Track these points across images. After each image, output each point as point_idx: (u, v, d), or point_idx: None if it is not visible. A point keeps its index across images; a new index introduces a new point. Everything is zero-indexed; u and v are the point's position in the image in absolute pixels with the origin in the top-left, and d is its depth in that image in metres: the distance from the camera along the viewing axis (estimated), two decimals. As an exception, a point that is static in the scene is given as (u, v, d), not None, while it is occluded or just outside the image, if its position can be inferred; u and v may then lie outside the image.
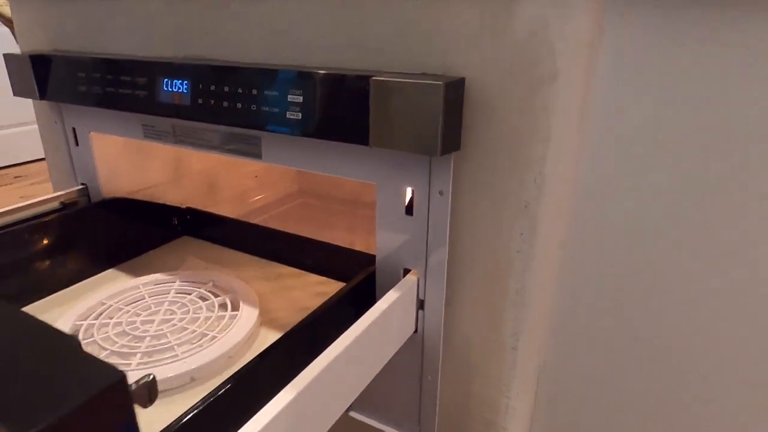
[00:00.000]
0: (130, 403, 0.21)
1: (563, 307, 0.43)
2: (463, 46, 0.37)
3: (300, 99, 0.41)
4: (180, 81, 0.48)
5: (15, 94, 0.61)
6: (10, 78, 0.60)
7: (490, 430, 0.47)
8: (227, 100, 0.45)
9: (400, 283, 0.45)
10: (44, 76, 0.59)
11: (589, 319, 0.42)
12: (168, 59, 0.51)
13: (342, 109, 0.39)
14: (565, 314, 0.43)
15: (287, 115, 0.42)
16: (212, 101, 0.47)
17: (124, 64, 0.52)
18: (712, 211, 0.35)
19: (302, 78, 0.41)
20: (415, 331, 0.48)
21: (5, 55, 0.59)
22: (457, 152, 0.40)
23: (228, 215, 0.71)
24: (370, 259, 0.49)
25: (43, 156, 0.70)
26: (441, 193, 0.41)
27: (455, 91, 0.37)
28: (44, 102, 0.64)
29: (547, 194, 0.38)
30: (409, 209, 0.44)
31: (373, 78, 0.37)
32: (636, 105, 0.36)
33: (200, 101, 0.47)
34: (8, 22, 1.10)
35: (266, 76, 0.43)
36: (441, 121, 0.36)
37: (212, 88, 0.46)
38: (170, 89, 0.49)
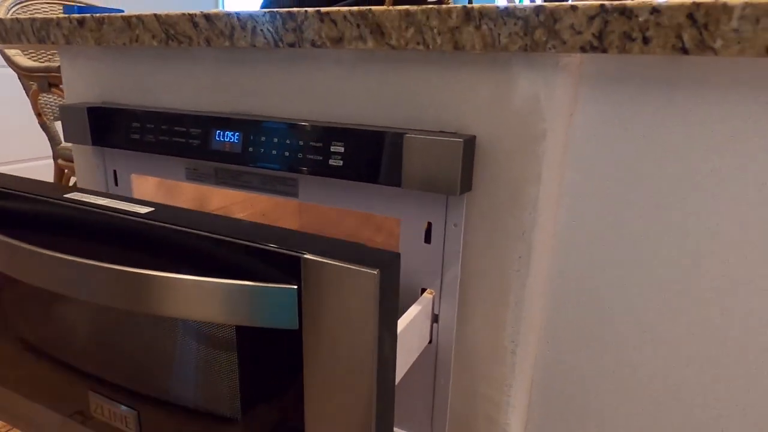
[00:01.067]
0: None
1: (552, 315, 0.53)
2: (474, 112, 0.49)
3: (342, 149, 0.52)
4: (232, 132, 0.58)
5: (66, 140, 0.69)
6: (63, 126, 0.68)
7: (494, 425, 0.56)
8: (276, 149, 0.55)
9: (418, 300, 0.55)
10: (97, 125, 0.67)
11: (575, 326, 0.53)
12: (219, 113, 0.60)
13: (379, 158, 0.50)
14: (554, 321, 0.53)
15: (329, 162, 0.52)
16: (261, 150, 0.56)
17: (179, 117, 0.61)
18: (665, 228, 0.47)
19: (344, 133, 0.51)
20: (430, 342, 0.57)
21: (61, 107, 0.68)
22: (469, 192, 0.51)
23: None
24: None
25: None
26: (455, 225, 0.52)
27: (469, 145, 0.48)
28: (89, 147, 0.72)
29: (540, 224, 0.49)
30: (427, 238, 0.54)
31: (407, 135, 0.48)
32: (602, 154, 0.47)
33: (250, 149, 0.57)
34: (19, 70, 1.18)
35: (314, 130, 0.53)
36: (460, 168, 0.47)
37: (262, 138, 0.56)
38: (222, 139, 0.59)
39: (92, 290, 0.45)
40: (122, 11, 0.88)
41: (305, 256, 0.38)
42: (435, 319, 0.56)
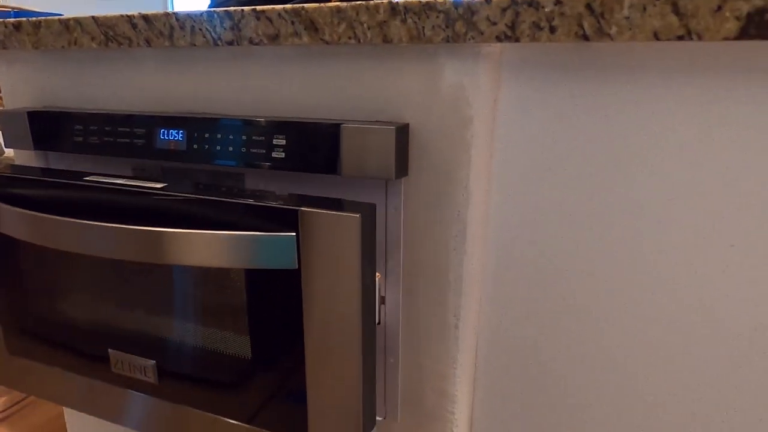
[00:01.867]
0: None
1: (491, 288, 0.57)
2: (406, 101, 0.52)
3: (283, 142, 0.54)
4: (176, 130, 0.59)
5: (7, 145, 0.68)
6: (3, 132, 0.68)
7: (443, 396, 0.60)
8: (220, 145, 0.57)
9: (365, 283, 0.58)
10: (39, 129, 0.67)
11: (511, 299, 0.56)
12: (162, 113, 0.61)
13: (318, 149, 0.52)
14: (494, 294, 0.57)
15: (272, 155, 0.55)
16: (206, 146, 0.58)
17: (123, 118, 0.62)
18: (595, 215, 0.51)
19: (285, 126, 0.53)
20: (378, 323, 0.60)
21: (0, 112, 0.67)
22: (405, 177, 0.54)
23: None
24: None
25: None
26: (395, 208, 0.55)
27: (402, 133, 0.51)
28: (31, 152, 0.72)
29: (473, 203, 0.53)
30: (370, 223, 0.56)
31: (343, 125, 0.50)
32: (525, 136, 0.51)
33: (195, 146, 0.58)
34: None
35: (256, 125, 0.55)
36: (394, 155, 0.50)
37: (206, 135, 0.57)
38: (166, 137, 0.60)
39: (122, 249, 0.55)
40: (60, 15, 0.87)
41: (301, 209, 0.50)
42: (382, 300, 0.59)
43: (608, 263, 0.51)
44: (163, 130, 0.60)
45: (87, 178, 0.60)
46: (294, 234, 0.50)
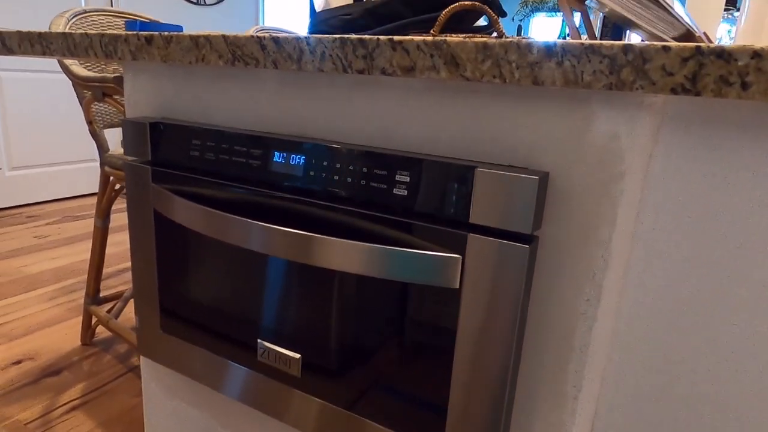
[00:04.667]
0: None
1: (619, 360, 0.51)
2: (548, 147, 0.47)
3: (407, 179, 0.51)
4: (297, 155, 0.57)
5: (127, 153, 0.70)
6: (125, 139, 0.69)
7: (549, 472, 0.54)
8: (338, 175, 0.55)
9: (476, 336, 0.53)
10: (158, 140, 0.68)
11: (638, 377, 0.50)
12: (280, 135, 0.60)
13: (446, 190, 0.49)
14: (621, 368, 0.51)
15: (393, 191, 0.52)
16: (323, 174, 0.56)
17: (245, 137, 0.61)
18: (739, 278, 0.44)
19: (412, 162, 0.50)
20: (484, 379, 0.55)
21: (124, 121, 0.69)
22: (538, 230, 0.49)
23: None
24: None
25: (56, 197, 0.79)
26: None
27: (543, 183, 0.46)
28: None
29: (611, 266, 0.47)
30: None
31: (479, 169, 0.47)
32: (681, 198, 0.45)
33: (312, 173, 0.56)
34: (75, 79, 1.21)
35: (379, 158, 0.52)
36: (533, 206, 0.45)
37: (325, 163, 0.56)
38: (284, 161, 0.58)
39: (299, 253, 0.57)
40: (181, 28, 0.90)
41: (470, 234, 0.49)
42: (492, 357, 0.54)
43: (755, 354, 0.44)
44: (281, 153, 0.59)
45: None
46: (459, 256, 0.50)
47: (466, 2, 0.63)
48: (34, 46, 0.74)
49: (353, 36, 0.53)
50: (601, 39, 0.88)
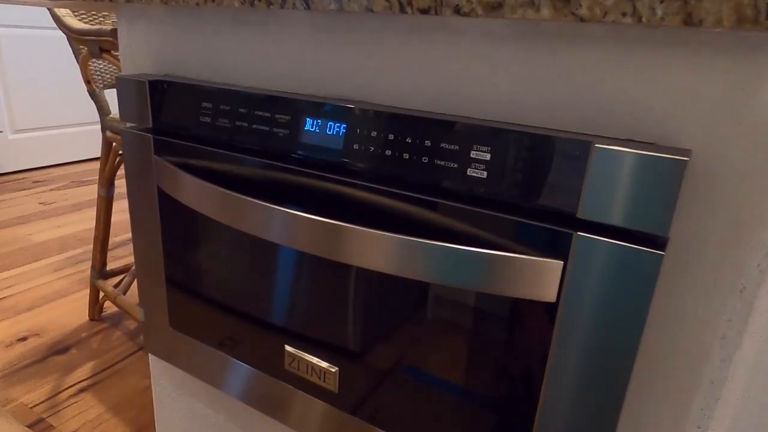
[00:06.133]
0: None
1: (758, 406, 0.39)
2: (688, 117, 0.34)
3: (487, 157, 0.38)
4: (336, 123, 0.45)
5: (122, 119, 0.58)
6: (119, 101, 0.57)
7: None
8: (391, 150, 0.42)
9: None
10: (160, 103, 0.55)
11: (784, 415, 0.39)
12: (312, 97, 0.47)
13: (545, 172, 0.36)
14: (759, 415, 0.39)
15: (468, 171, 0.39)
16: (371, 148, 0.43)
17: (267, 99, 0.49)
18: None
19: (495, 134, 0.38)
20: (571, 409, 0.44)
21: (118, 78, 0.56)
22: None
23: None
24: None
25: (62, 161, 0.67)
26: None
27: (682, 165, 0.34)
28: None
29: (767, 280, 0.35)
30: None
31: (596, 144, 0.34)
32: None
33: (356, 147, 0.44)
34: (69, 32, 1.08)
35: (449, 128, 0.39)
36: (672, 197, 0.32)
37: (373, 134, 0.43)
38: (319, 130, 0.46)
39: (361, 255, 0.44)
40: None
41: (578, 233, 0.36)
42: (584, 383, 0.43)
43: None
44: (315, 120, 0.46)
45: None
46: (560, 262, 0.37)
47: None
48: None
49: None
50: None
